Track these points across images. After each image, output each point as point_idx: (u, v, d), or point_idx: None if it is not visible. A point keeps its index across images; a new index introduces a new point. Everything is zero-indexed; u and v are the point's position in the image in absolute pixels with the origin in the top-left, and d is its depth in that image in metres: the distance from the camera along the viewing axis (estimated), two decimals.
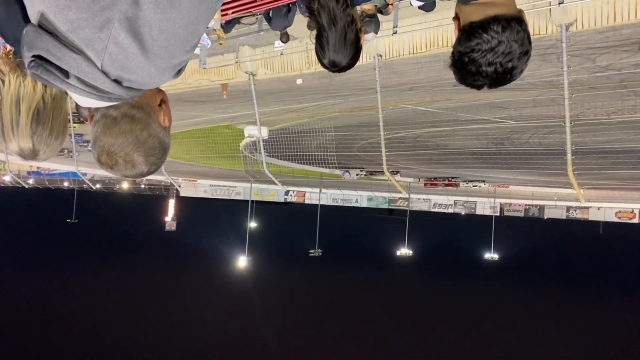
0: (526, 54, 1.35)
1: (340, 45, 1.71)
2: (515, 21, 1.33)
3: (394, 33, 10.36)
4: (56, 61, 1.05)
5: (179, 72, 1.23)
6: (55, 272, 56.48)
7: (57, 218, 61.23)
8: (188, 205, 57.70)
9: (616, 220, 42.25)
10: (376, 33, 4.41)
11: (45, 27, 1.04)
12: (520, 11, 1.38)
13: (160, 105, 1.39)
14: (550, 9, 9.61)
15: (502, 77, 1.36)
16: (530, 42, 1.36)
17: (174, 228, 58.04)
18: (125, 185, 62.17)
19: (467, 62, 1.35)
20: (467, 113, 19.39)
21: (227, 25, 8.07)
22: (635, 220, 41.67)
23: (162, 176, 33.39)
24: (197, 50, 13.28)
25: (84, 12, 0.99)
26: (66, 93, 1.28)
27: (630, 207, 40.89)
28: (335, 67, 1.82)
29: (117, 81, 1.10)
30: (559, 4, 9.23)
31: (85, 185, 57.90)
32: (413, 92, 16.75)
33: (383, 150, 13.50)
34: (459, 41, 1.38)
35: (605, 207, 41.30)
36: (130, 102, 1.29)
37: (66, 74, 1.07)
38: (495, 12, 1.32)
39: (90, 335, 45.63)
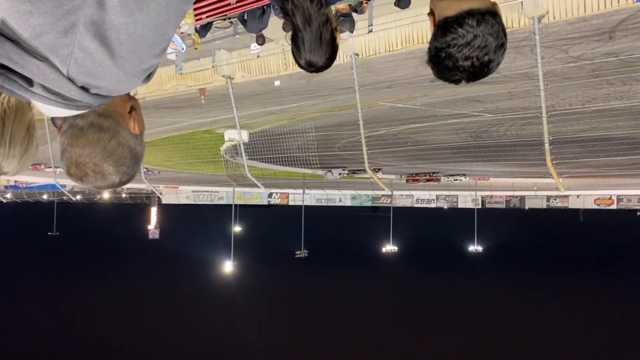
0: (502, 46, 1.36)
1: (316, 46, 1.71)
2: (490, 14, 1.34)
3: (369, 31, 10.40)
4: (19, 69, 1.01)
5: (148, 77, 1.20)
6: (38, 286, 55.54)
7: (38, 231, 60.30)
8: (171, 212, 57.26)
9: (595, 207, 43.03)
10: (351, 32, 4.43)
11: (6, 35, 0.99)
12: (494, 4, 1.39)
13: (130, 112, 1.36)
14: (522, 1, 9.75)
15: (479, 70, 1.37)
16: (505, 35, 1.37)
17: (157, 236, 57.54)
18: (106, 195, 61.37)
19: (444, 57, 1.36)
20: (445, 108, 19.55)
21: (202, 30, 8.03)
22: (614, 206, 42.49)
23: (142, 184, 33.06)
24: (172, 56, 13.18)
25: (47, 17, 0.96)
26: (29, 103, 1.22)
27: (608, 193, 41.67)
28: (312, 68, 1.82)
29: (84, 88, 1.08)
30: None
31: (65, 197, 57.01)
32: (391, 90, 16.84)
33: (364, 148, 13.56)
34: (435, 37, 1.38)
35: (584, 194, 42.03)
36: (97, 110, 1.26)
37: (30, 82, 1.03)
38: (470, 6, 1.33)
39: (76, 348, 44.97)
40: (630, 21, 9.94)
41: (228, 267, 43.72)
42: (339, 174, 31.83)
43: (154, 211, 57.53)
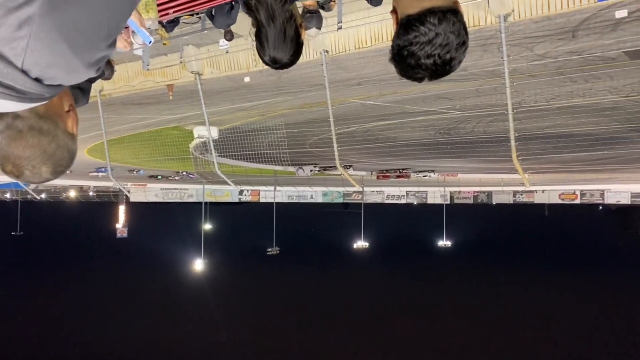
0: (463, 44, 1.36)
1: (279, 42, 1.70)
2: (451, 12, 1.34)
3: (338, 28, 10.42)
4: None
5: (99, 68, 1.21)
6: (2, 287, 53.95)
7: (1, 231, 58.51)
8: (139, 210, 56.41)
9: (560, 201, 44.26)
10: (319, 29, 4.43)
11: None
12: (456, 2, 1.40)
13: (68, 111, 1.36)
14: (488, 0, 9.90)
15: (441, 68, 1.38)
16: (466, 33, 1.37)
17: (125, 235, 56.60)
18: (72, 194, 60.10)
19: (406, 55, 1.36)
20: (414, 105, 19.75)
21: (169, 25, 7.90)
22: (577, 201, 43.77)
23: (109, 182, 32.45)
24: (139, 52, 12.95)
25: (0, 9, 0.95)
26: None
27: (572, 188, 42.92)
28: (276, 64, 1.80)
29: (38, 80, 1.07)
30: None
31: (29, 196, 55.52)
32: (361, 87, 16.91)
33: (335, 145, 13.59)
34: (397, 35, 1.38)
35: (549, 189, 43.18)
36: (36, 111, 1.25)
37: None
38: (432, 5, 1.33)
39: (40, 350, 43.92)
40: (592, 20, 10.21)
41: (198, 265, 43.33)
42: (311, 171, 31.86)
43: (122, 209, 56.57)
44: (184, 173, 39.87)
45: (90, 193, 59.09)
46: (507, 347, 42.76)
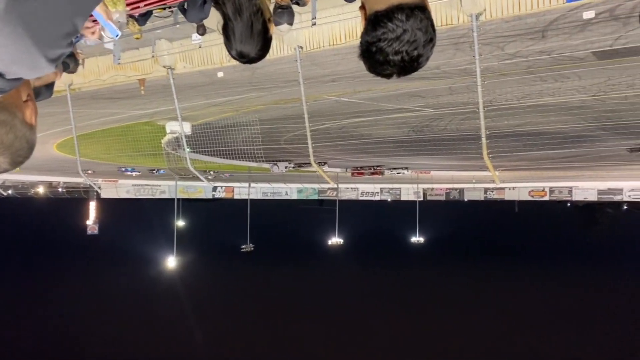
0: (431, 41, 1.36)
1: (246, 36, 1.68)
2: (419, 9, 1.34)
3: (313, 24, 10.40)
4: None
5: (58, 65, 1.21)
6: None
7: None
8: (110, 207, 55.39)
9: (529, 198, 45.19)
10: (290, 24, 4.39)
11: None
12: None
13: (26, 101, 1.35)
14: None
15: (409, 65, 1.38)
16: (434, 30, 1.38)
17: (96, 231, 55.55)
18: (40, 190, 58.67)
19: (375, 51, 1.36)
20: (388, 103, 19.86)
21: (141, 18, 7.76)
22: (546, 198, 44.75)
23: (79, 178, 31.81)
24: (110, 45, 12.70)
25: None
26: None
27: (542, 185, 43.86)
28: (244, 58, 1.78)
29: (0, 75, 1.08)
30: None
31: None
32: (335, 84, 16.92)
33: (309, 141, 13.56)
34: (365, 31, 1.38)
35: (519, 186, 44.04)
36: None
37: None
38: (399, 1, 1.33)
39: (9, 348, 42.90)
40: (561, 21, 10.40)
41: (171, 262, 42.82)
42: (285, 168, 31.77)
43: (92, 206, 55.46)
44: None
45: (60, 189, 57.76)
46: (478, 339, 43.52)
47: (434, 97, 18.72)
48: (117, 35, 2.55)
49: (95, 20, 2.72)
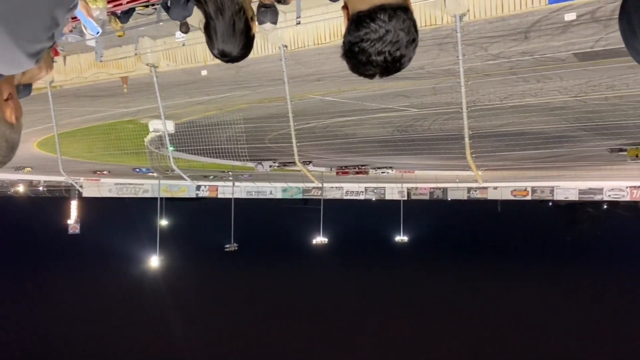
0: (413, 41, 1.37)
1: (228, 35, 1.67)
2: (401, 10, 1.34)
3: (297, 24, 10.38)
4: None
5: (39, 60, 1.19)
6: None
7: None
8: (92, 206, 54.78)
9: (512, 198, 45.74)
10: (274, 23, 4.37)
11: None
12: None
13: (7, 99, 1.31)
14: (444, 0, 10.07)
15: (391, 65, 1.38)
16: (416, 30, 1.38)
17: (77, 231, 54.89)
18: (21, 189, 57.79)
19: (357, 52, 1.36)
20: (372, 102, 19.92)
21: (124, 16, 7.69)
22: (528, 197, 45.33)
23: (60, 177, 31.43)
24: (92, 43, 12.56)
25: None
26: None
27: (524, 185, 44.42)
28: (226, 57, 1.77)
29: None
30: None
31: None
32: (320, 83, 16.92)
33: (294, 141, 13.54)
34: (348, 31, 1.38)
35: (502, 186, 44.55)
36: None
37: None
38: (382, 1, 1.33)
39: None
40: (543, 22, 10.52)
41: (154, 262, 42.50)
42: (270, 167, 31.70)
43: (74, 205, 54.77)
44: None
45: (41, 188, 56.97)
46: (461, 338, 43.88)
47: (418, 97, 18.82)
48: (97, 33, 2.51)
49: (75, 18, 2.68)
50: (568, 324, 45.77)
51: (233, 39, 1.68)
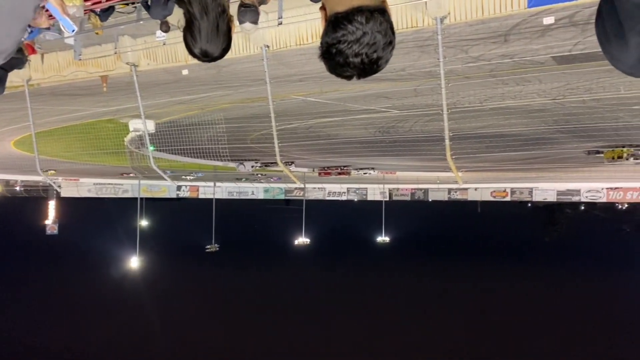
0: (390, 44, 1.37)
1: (213, 35, 1.69)
2: (379, 12, 1.34)
3: (279, 24, 10.36)
4: None
5: (6, 57, 1.17)
6: None
7: None
8: (71, 206, 53.98)
9: (492, 199, 46.28)
10: (254, 23, 4.35)
11: None
12: (384, 2, 1.41)
13: None
14: (426, 2, 10.13)
15: (368, 67, 1.38)
16: (393, 33, 1.38)
17: (55, 231, 54.03)
18: None
19: (335, 53, 1.36)
20: (355, 103, 19.97)
21: (103, 14, 7.58)
22: (508, 198, 45.91)
23: (38, 176, 30.89)
24: (70, 41, 12.37)
25: None
26: None
27: (503, 186, 44.97)
28: (207, 57, 1.78)
29: None
30: None
31: None
32: (303, 83, 16.90)
33: (275, 141, 13.50)
34: (325, 32, 1.38)
35: (482, 187, 45.05)
36: None
37: None
38: (360, 3, 1.33)
39: None
40: (523, 26, 10.65)
41: (134, 263, 42.01)
42: (252, 167, 31.54)
43: (52, 205, 53.90)
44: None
45: (18, 188, 55.92)
46: (440, 337, 44.21)
47: (400, 99, 18.91)
48: (73, 31, 2.48)
49: (51, 15, 2.63)
50: (547, 319, 46.44)
51: (217, 39, 1.70)
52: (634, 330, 44.43)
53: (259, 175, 39.83)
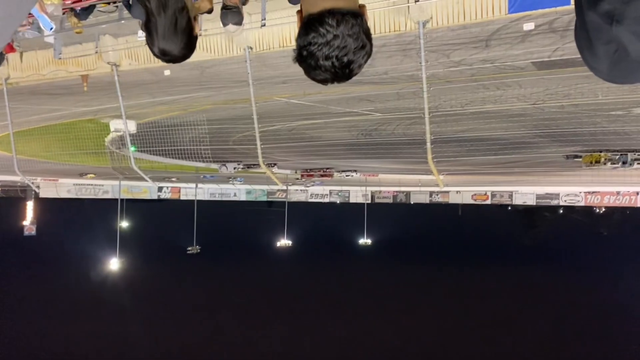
0: (362, 48, 1.35)
1: (170, 33, 1.59)
2: (351, 15, 1.33)
3: (262, 26, 10.36)
4: None
5: None
6: None
7: None
8: (50, 207, 53.07)
9: (472, 202, 46.74)
10: (238, 25, 4.33)
11: None
12: (363, 6, 1.40)
13: None
14: (408, 6, 10.22)
15: (340, 71, 1.37)
16: (368, 37, 1.36)
17: (34, 232, 53.06)
18: None
19: (306, 55, 1.36)
20: (337, 106, 20.03)
21: (83, 13, 7.50)
22: (488, 202, 46.41)
23: (16, 176, 30.34)
24: (50, 39, 12.21)
25: None
26: None
27: (484, 190, 45.45)
28: (166, 56, 1.69)
29: None
30: (416, 1, 9.86)
31: None
32: (286, 85, 16.90)
33: (258, 143, 13.50)
34: (299, 34, 1.38)
35: (463, 190, 45.46)
36: None
37: None
38: (332, 5, 1.32)
39: None
40: (503, 31, 10.81)
41: (114, 264, 41.51)
42: (234, 168, 31.40)
43: (30, 206, 52.93)
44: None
45: None
46: (423, 340, 44.46)
47: (382, 102, 19.02)
48: (51, 29, 2.46)
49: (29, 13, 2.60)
50: (526, 324, 46.99)
51: (174, 36, 1.61)
52: (609, 331, 45.22)
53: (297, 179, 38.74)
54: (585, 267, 57.15)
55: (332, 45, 1.32)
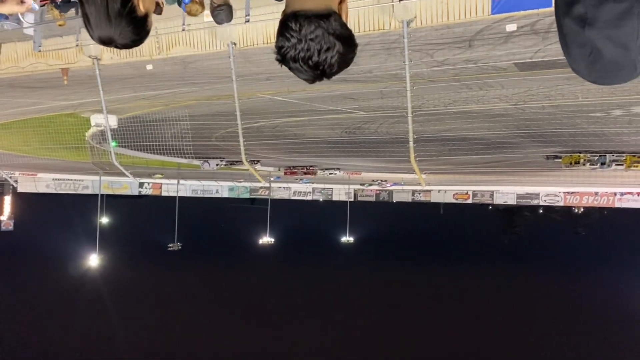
0: (328, 50, 1.33)
1: (102, 19, 1.44)
2: (317, 17, 1.32)
3: (246, 22, 10.30)
4: None
5: None
6: None
7: None
8: (28, 201, 52.18)
9: (454, 201, 47.14)
10: (228, 21, 4.27)
11: None
12: (340, 2, 1.39)
13: None
14: (393, 5, 10.25)
15: (312, 72, 1.37)
16: (338, 37, 1.34)
17: (11, 227, 52.16)
18: None
19: (281, 57, 1.36)
20: (322, 104, 20.01)
21: (63, 5, 7.37)
22: (469, 201, 46.86)
23: None
24: (30, 31, 11.99)
25: None
26: None
27: (465, 189, 45.86)
28: (110, 44, 1.55)
29: None
30: (400, 0, 9.88)
31: None
32: (270, 82, 16.83)
33: (241, 139, 13.43)
34: (276, 34, 1.38)
35: (445, 189, 45.84)
36: None
37: None
38: (301, 7, 1.32)
39: None
40: (486, 32, 10.89)
41: (93, 260, 40.95)
42: (217, 165, 31.22)
43: (7, 200, 52.01)
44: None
45: None
46: (404, 337, 44.75)
47: (366, 100, 19.05)
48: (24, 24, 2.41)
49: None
50: (504, 321, 47.56)
51: (107, 23, 1.46)
52: (589, 328, 46.01)
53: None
54: (562, 266, 58.08)
55: (297, 48, 1.32)
